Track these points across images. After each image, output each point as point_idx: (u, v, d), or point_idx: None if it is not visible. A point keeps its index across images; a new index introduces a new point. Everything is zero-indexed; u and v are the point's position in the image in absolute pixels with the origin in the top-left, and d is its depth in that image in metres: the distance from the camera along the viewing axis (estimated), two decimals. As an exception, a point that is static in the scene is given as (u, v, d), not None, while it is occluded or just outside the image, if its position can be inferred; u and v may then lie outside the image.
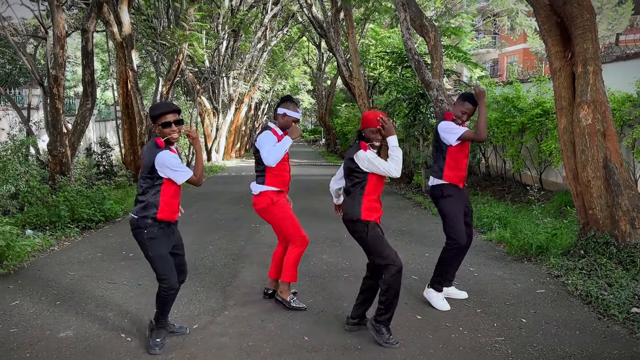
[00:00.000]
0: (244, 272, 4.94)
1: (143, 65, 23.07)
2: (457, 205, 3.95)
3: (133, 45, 11.38)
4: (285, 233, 3.91)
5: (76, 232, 6.85)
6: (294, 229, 3.89)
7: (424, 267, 5.07)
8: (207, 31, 16.69)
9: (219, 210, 8.79)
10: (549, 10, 4.86)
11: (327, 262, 5.23)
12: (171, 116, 3.14)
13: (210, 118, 20.63)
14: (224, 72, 20.21)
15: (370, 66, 17.32)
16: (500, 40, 26.30)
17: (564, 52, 4.88)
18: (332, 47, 14.95)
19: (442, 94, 9.02)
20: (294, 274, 3.92)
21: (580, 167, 4.73)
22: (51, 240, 6.37)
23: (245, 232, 6.74)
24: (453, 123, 3.96)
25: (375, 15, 19.38)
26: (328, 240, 6.22)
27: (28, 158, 8.96)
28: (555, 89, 5.01)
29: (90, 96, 8.81)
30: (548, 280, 4.47)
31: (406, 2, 9.14)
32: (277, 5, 20.53)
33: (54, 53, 7.75)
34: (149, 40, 14.36)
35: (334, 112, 29.23)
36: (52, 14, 7.62)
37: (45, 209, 7.19)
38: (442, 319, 3.71)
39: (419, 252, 5.67)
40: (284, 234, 3.94)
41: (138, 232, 3.17)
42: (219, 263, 5.28)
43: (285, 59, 25.05)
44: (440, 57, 9.91)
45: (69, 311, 3.92)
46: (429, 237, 6.48)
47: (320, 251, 5.71)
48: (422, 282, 4.51)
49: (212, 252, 5.72)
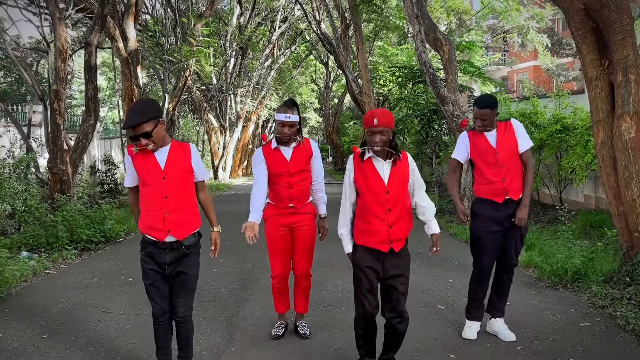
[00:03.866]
0: (251, 300, 4.50)
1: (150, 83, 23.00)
2: (485, 224, 3.48)
3: (139, 60, 11.15)
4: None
5: (74, 254, 6.46)
6: (270, 257, 3.53)
7: (449, 294, 4.61)
8: (215, 48, 16.54)
9: (225, 230, 8.25)
10: (584, 15, 4.48)
11: (342, 289, 4.79)
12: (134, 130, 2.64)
13: (217, 136, 20.37)
14: (232, 89, 20.02)
15: (380, 83, 17.06)
16: (510, 57, 26.02)
17: (600, 60, 4.48)
18: (342, 63, 14.70)
19: (458, 109, 8.65)
20: (275, 305, 3.68)
21: (623, 184, 4.29)
22: (47, 262, 5.99)
23: (253, 255, 6.32)
24: (464, 134, 3.60)
25: (382, 34, 19.21)
26: (342, 264, 5.76)
27: (28, 176, 8.63)
28: (591, 100, 4.60)
29: (93, 112, 8.50)
30: (592, 311, 4.00)
31: (420, 14, 8.84)
32: (285, 23, 20.43)
33: (56, 67, 7.47)
34: (157, 58, 14.19)
35: (342, 130, 28.95)
36: (54, 27, 7.37)
37: (43, 229, 6.81)
38: (479, 358, 3.24)
39: (441, 277, 5.21)
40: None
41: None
42: (224, 290, 4.85)
43: (292, 77, 24.88)
44: (454, 72, 9.58)
45: (57, 346, 3.50)
46: (449, 259, 6.03)
47: (334, 276, 5.27)
48: (451, 312, 4.06)
49: (217, 277, 5.30)
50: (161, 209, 2.69)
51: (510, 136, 3.49)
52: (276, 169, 3.39)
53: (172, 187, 2.72)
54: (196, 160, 2.82)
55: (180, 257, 2.77)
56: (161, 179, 2.70)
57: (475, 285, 3.61)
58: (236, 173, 22.49)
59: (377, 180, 2.79)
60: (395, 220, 2.78)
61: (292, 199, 3.43)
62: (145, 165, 2.72)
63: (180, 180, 2.75)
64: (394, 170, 2.80)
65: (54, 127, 7.61)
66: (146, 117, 2.60)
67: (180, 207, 2.74)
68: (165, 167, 2.72)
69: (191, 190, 2.82)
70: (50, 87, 7.61)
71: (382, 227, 2.76)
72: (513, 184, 3.45)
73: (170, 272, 2.77)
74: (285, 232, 3.48)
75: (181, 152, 2.78)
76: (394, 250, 2.78)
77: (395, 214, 2.78)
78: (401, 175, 2.82)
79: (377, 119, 2.70)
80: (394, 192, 2.78)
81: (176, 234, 2.72)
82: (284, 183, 3.41)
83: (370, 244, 2.79)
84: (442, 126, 11.84)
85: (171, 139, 2.82)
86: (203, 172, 2.89)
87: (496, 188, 3.46)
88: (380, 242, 2.77)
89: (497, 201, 3.45)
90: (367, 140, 2.78)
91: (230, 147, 20.50)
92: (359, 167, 2.84)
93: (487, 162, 3.50)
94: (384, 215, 2.77)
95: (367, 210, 2.80)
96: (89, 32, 8.04)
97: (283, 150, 3.41)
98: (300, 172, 3.44)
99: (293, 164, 3.41)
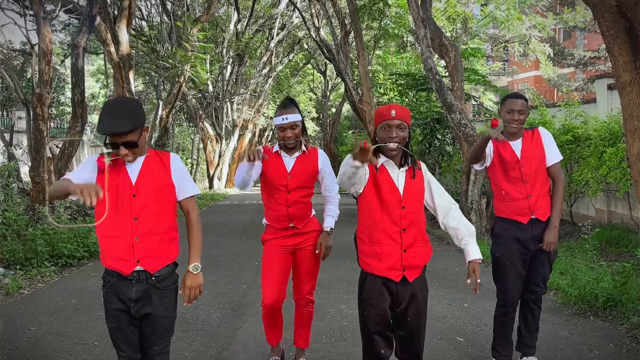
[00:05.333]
0: (244, 329, 3.99)
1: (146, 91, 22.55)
2: (509, 247, 3.01)
3: (131, 66, 10.70)
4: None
5: (53, 270, 5.95)
6: (262, 283, 3.00)
7: (467, 322, 4.11)
8: (211, 55, 16.13)
9: (218, 244, 7.88)
10: (616, 13, 4.04)
11: (347, 315, 4.28)
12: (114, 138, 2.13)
13: (212, 144, 19.93)
14: (228, 97, 19.60)
15: (380, 91, 16.67)
16: (510, 66, 25.77)
17: (634, 62, 4.04)
18: (341, 71, 14.29)
19: (465, 118, 8.21)
20: (267, 335, 3.17)
21: (663, 201, 3.84)
22: (22, 281, 5.47)
23: (248, 273, 5.82)
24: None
25: (381, 43, 18.90)
26: (344, 284, 5.28)
27: (9, 185, 8.13)
28: (624, 107, 4.16)
29: (81, 118, 8.03)
30: (634, 346, 3.50)
31: (425, 18, 8.44)
32: (284, 30, 20.08)
33: (39, 69, 7.00)
34: (152, 65, 13.78)
35: (339, 140, 28.57)
36: (38, 27, 6.91)
37: (21, 243, 6.31)
38: (511, 407, 2.75)
39: (455, 301, 4.71)
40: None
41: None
42: (214, 315, 4.34)
43: (290, 85, 24.53)
44: (461, 79, 9.18)
45: (15, 388, 2.99)
46: (461, 280, 5.53)
47: (336, 299, 4.78)
48: (472, 346, 3.57)
49: (208, 300, 4.78)
50: (129, 233, 2.16)
51: (537, 147, 3.02)
52: (273, 180, 2.91)
53: (143, 207, 2.18)
54: (178, 172, 2.28)
55: (148, 293, 2.19)
56: (130, 197, 2.17)
57: (501, 319, 3.12)
58: (232, 183, 22.00)
59: (392, 191, 2.29)
60: (411, 243, 2.30)
61: (291, 218, 2.94)
62: (112, 180, 2.18)
63: (155, 198, 2.20)
64: (409, 180, 2.32)
65: (37, 133, 7.13)
66: (136, 124, 2.09)
67: (153, 232, 2.19)
68: (137, 181, 2.19)
69: (169, 211, 2.26)
70: (33, 91, 7.14)
71: (395, 251, 2.28)
72: (540, 202, 2.98)
73: (136, 311, 2.19)
74: (286, 254, 2.99)
75: (159, 163, 2.25)
76: (407, 280, 2.29)
77: (411, 235, 2.30)
78: (418, 187, 2.34)
79: (395, 110, 2.25)
80: (410, 207, 2.30)
81: (147, 265, 2.18)
82: (281, 201, 2.92)
83: (378, 270, 2.30)
84: (445, 136, 11.45)
85: (149, 148, 2.29)
86: (189, 187, 2.31)
87: (520, 206, 2.99)
88: (391, 268, 2.28)
89: (521, 221, 2.99)
90: (381, 138, 2.27)
91: (227, 156, 20.06)
92: (372, 174, 2.32)
93: (509, 176, 3.02)
94: (397, 236, 2.28)
95: (376, 228, 2.31)
96: (77, 33, 7.59)
97: (285, 157, 2.93)
98: (300, 189, 2.93)
99: (293, 177, 2.91)
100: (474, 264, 2.32)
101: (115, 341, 2.24)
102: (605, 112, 8.34)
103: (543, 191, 3.01)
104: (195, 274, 2.23)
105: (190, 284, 2.23)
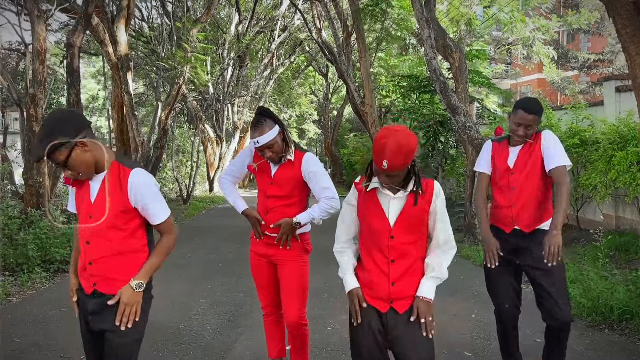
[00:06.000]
0: (240, 341, 3.78)
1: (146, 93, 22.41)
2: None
3: (129, 66, 10.51)
4: None
5: (44, 277, 5.75)
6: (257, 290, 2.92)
7: (475, 335, 3.90)
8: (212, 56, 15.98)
9: (216, 249, 7.68)
10: (632, 10, 3.85)
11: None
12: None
13: (213, 147, 19.73)
14: (229, 99, 19.43)
15: (382, 93, 16.49)
16: (514, 68, 25.58)
17: (651, 61, 3.86)
18: (343, 73, 14.11)
19: (469, 120, 8.01)
20: (268, 345, 2.98)
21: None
22: (11, 288, 5.27)
23: (245, 279, 5.60)
24: (489, 144, 2.93)
25: (383, 45, 18.72)
26: (345, 293, 5.07)
27: (3, 188, 7.95)
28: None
29: (76, 119, 7.83)
30: (654, 363, 3.31)
31: (429, 19, 8.25)
32: (285, 32, 19.92)
33: (33, 69, 6.83)
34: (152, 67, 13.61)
35: (341, 142, 28.39)
36: (32, 26, 6.74)
37: (12, 248, 6.12)
38: None
39: (462, 311, 4.50)
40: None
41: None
42: (209, 327, 4.12)
43: (292, 88, 24.36)
44: (465, 80, 8.99)
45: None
46: (467, 288, 5.34)
47: (337, 309, 4.55)
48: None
49: (203, 309, 4.57)
50: (83, 256, 1.98)
51: (534, 154, 2.75)
52: (259, 183, 2.78)
53: (97, 232, 1.95)
54: (138, 197, 1.96)
55: (105, 308, 1.96)
56: (87, 217, 1.96)
57: (500, 336, 2.98)
58: (232, 185, 21.83)
59: (379, 219, 2.06)
60: (401, 276, 2.06)
61: (267, 226, 2.74)
62: (79, 195, 2.00)
63: (111, 223, 1.95)
64: (408, 207, 2.05)
65: (30, 134, 6.93)
66: (49, 143, 1.81)
67: (109, 255, 1.97)
68: (95, 201, 1.96)
69: (132, 234, 2.00)
70: (27, 91, 6.96)
71: (383, 282, 2.06)
72: (524, 213, 2.74)
73: (94, 325, 1.99)
74: (265, 264, 2.81)
75: (115, 184, 1.95)
76: (396, 312, 2.06)
77: (401, 267, 2.06)
78: (419, 214, 2.06)
79: (387, 161, 1.89)
80: (401, 238, 2.05)
81: (103, 289, 1.98)
82: (261, 203, 2.79)
83: (367, 297, 2.09)
84: (449, 139, 11.25)
85: (116, 162, 1.99)
86: (155, 213, 1.99)
87: (504, 214, 2.81)
88: (378, 298, 2.07)
89: (504, 230, 2.81)
90: (374, 171, 2.02)
91: (227, 158, 19.86)
92: (361, 196, 2.13)
93: (499, 183, 2.85)
94: (385, 267, 2.06)
95: (367, 254, 2.12)
96: (72, 32, 7.41)
97: (272, 163, 2.76)
98: (280, 198, 2.71)
99: (275, 184, 2.72)
100: (419, 300, 2.06)
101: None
102: (613, 115, 8.14)
103: (531, 201, 2.75)
104: (135, 291, 1.96)
105: (128, 300, 1.94)
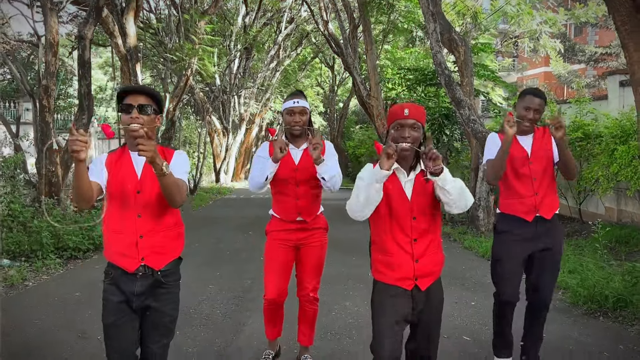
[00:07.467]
0: (248, 325, 3.96)
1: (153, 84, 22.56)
2: (509, 246, 2.94)
3: (138, 58, 10.65)
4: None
5: (58, 263, 5.95)
6: (265, 277, 3.00)
7: (474, 321, 4.06)
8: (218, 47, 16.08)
9: (224, 238, 7.86)
10: (631, 7, 3.94)
11: (353, 313, 4.23)
12: (132, 98, 2.07)
13: (219, 138, 19.88)
14: (235, 91, 19.55)
15: (388, 86, 16.54)
16: (520, 63, 25.50)
17: (650, 58, 3.95)
18: (349, 65, 14.17)
19: (474, 114, 8.11)
20: (266, 328, 3.15)
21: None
22: (27, 273, 5.47)
23: (253, 267, 5.78)
24: (494, 136, 2.98)
25: (390, 37, 18.73)
26: (351, 281, 5.24)
27: (16, 177, 8.13)
28: (638, 104, 4.07)
29: (87, 110, 7.99)
30: (646, 349, 3.45)
31: (435, 12, 8.32)
32: (292, 24, 19.96)
33: (46, 61, 6.99)
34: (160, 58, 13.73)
35: (346, 135, 28.46)
36: (45, 18, 6.89)
37: (26, 235, 6.31)
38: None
39: (462, 299, 4.66)
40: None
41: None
42: (218, 310, 4.31)
43: (298, 80, 24.41)
44: (470, 74, 9.06)
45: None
46: (468, 278, 5.48)
47: (342, 296, 4.72)
48: (479, 346, 3.51)
49: (212, 294, 4.76)
50: (133, 231, 2.11)
51: (547, 145, 2.93)
52: (282, 173, 2.85)
53: (147, 204, 2.12)
54: (177, 167, 2.15)
55: (153, 287, 2.16)
56: (135, 193, 2.12)
57: (497, 319, 3.08)
58: (238, 176, 21.97)
59: (402, 200, 2.18)
60: (423, 253, 2.20)
61: (300, 211, 2.90)
62: (120, 172, 2.13)
63: (159, 195, 2.11)
64: (420, 187, 2.18)
65: (43, 125, 7.12)
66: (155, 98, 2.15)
67: (157, 229, 2.15)
68: (142, 177, 2.13)
69: (171, 210, 2.19)
70: (39, 82, 7.12)
71: (406, 261, 2.19)
72: (545, 200, 2.91)
73: (138, 305, 2.15)
74: (288, 249, 2.94)
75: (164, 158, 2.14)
76: (419, 289, 2.21)
77: (423, 244, 2.20)
78: (431, 192, 2.19)
79: (409, 109, 2.13)
80: (422, 217, 2.19)
81: (152, 262, 2.14)
82: (290, 192, 2.88)
83: (390, 280, 2.22)
84: (454, 132, 11.33)
85: (156, 144, 2.13)
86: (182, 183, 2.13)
87: (526, 204, 2.91)
88: (403, 278, 2.20)
89: (526, 219, 2.91)
90: (393, 138, 2.14)
91: (233, 150, 20.03)
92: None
93: (518, 173, 2.94)
94: (408, 246, 2.19)
95: (387, 237, 2.21)
96: (83, 24, 7.55)
97: (292, 150, 2.88)
98: (310, 180, 2.87)
99: (301, 169, 2.86)
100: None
101: (109, 340, 2.16)
102: (616, 109, 8.21)
103: (550, 190, 2.95)
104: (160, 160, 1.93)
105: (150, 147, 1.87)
